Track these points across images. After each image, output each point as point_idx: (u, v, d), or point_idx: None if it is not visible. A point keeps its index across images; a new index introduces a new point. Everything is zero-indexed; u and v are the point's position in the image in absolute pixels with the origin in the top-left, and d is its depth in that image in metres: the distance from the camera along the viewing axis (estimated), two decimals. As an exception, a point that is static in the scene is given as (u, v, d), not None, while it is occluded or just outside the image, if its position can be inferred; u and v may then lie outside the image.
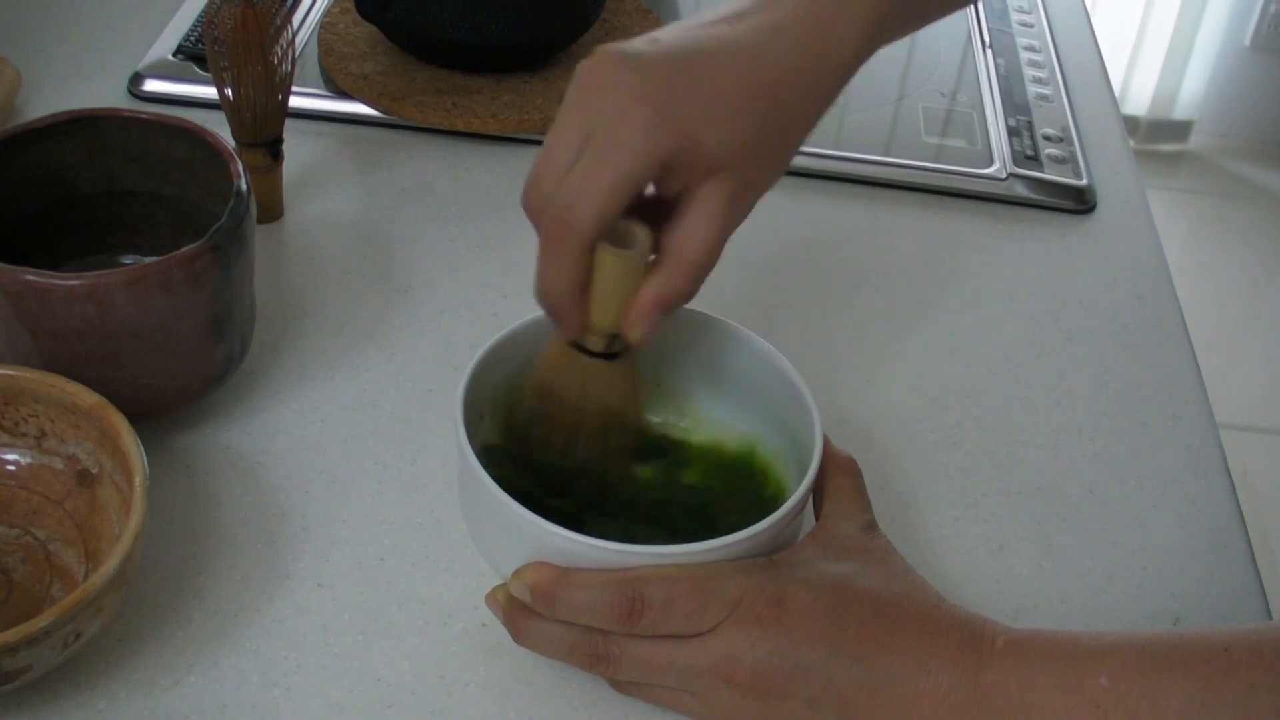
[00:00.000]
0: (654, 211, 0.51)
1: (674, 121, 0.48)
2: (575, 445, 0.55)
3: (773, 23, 0.51)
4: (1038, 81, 0.96)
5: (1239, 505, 0.66)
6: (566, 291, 0.50)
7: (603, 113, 0.48)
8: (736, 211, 0.51)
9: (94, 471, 0.57)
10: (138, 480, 0.52)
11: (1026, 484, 0.66)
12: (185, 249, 0.56)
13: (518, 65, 0.88)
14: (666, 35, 0.50)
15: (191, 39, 0.90)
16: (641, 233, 0.51)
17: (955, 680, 0.47)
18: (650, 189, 0.50)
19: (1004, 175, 0.86)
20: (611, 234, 0.50)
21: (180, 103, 0.85)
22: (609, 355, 0.53)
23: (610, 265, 0.50)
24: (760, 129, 0.50)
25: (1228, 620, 0.60)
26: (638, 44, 0.49)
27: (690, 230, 0.50)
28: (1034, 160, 0.87)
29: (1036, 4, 1.07)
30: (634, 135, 0.48)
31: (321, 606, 0.56)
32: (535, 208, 0.50)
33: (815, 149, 0.86)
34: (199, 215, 0.64)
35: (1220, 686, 0.45)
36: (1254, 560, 0.64)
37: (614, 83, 0.49)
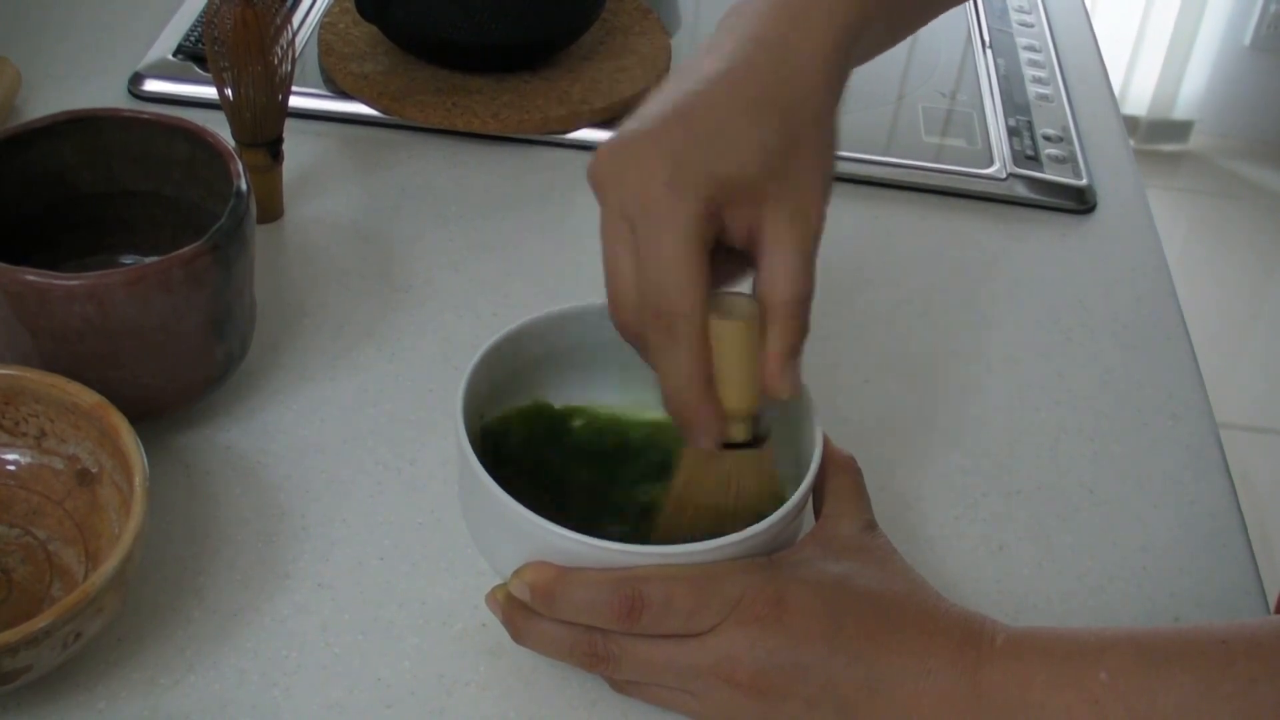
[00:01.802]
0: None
1: (691, 164, 0.47)
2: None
3: (744, 37, 0.50)
4: (1038, 81, 0.96)
5: (1239, 505, 0.66)
6: (698, 383, 0.48)
7: (629, 202, 0.48)
8: (806, 228, 0.49)
9: (94, 471, 0.57)
10: (138, 480, 0.52)
11: (1026, 484, 0.66)
12: (185, 249, 0.56)
13: (518, 65, 0.88)
14: (647, 106, 0.50)
15: (191, 39, 0.90)
16: (744, 300, 0.49)
17: (955, 679, 0.47)
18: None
19: (1004, 175, 0.86)
20: (721, 313, 0.48)
21: (180, 103, 0.85)
22: (756, 441, 0.50)
23: (728, 338, 0.48)
24: (779, 142, 0.48)
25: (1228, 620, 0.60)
26: (625, 128, 0.49)
27: (771, 270, 0.49)
28: (1034, 160, 0.87)
29: (1036, 4, 1.07)
30: (666, 200, 0.47)
31: (321, 606, 0.56)
32: (632, 326, 0.49)
33: (815, 149, 0.85)
34: (199, 215, 0.64)
35: (1219, 680, 0.45)
36: (1254, 560, 0.64)
37: (623, 168, 0.48)
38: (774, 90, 0.49)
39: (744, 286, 0.51)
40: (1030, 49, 1.00)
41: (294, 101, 0.75)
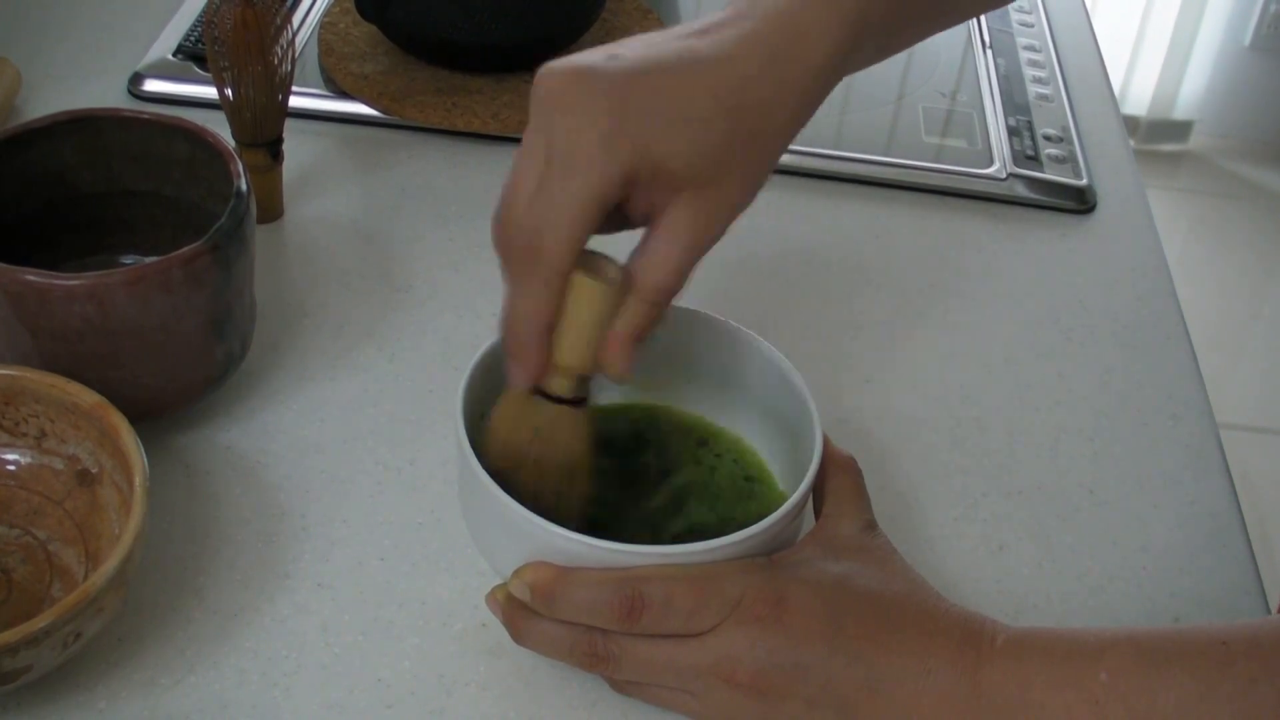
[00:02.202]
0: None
1: (631, 135, 0.47)
2: (540, 500, 0.51)
3: (740, 34, 0.50)
4: (1038, 81, 0.96)
5: (1239, 505, 0.66)
6: (535, 325, 0.48)
7: (559, 133, 0.47)
8: (703, 232, 0.49)
9: (94, 471, 0.57)
10: (138, 480, 0.52)
11: (1026, 484, 0.66)
12: (185, 249, 0.56)
13: (518, 65, 0.88)
14: (628, 49, 0.49)
15: (191, 39, 0.90)
16: (614, 268, 0.49)
17: (955, 679, 0.47)
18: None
19: (1004, 175, 0.86)
20: (588, 270, 0.48)
21: (180, 103, 0.85)
22: (575, 401, 0.51)
23: (586, 295, 0.48)
24: (724, 142, 0.48)
25: (1228, 619, 0.60)
26: (596, 57, 0.48)
27: (652, 254, 0.49)
28: (1034, 160, 0.87)
29: (1036, 4, 1.07)
30: (591, 152, 0.47)
31: (321, 606, 0.56)
32: (504, 239, 0.49)
33: (815, 149, 0.86)
34: (199, 215, 0.64)
35: (1219, 680, 0.45)
36: (1254, 560, 0.64)
37: (569, 101, 0.47)
38: (748, 99, 0.49)
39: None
40: (1030, 49, 1.00)
41: (294, 101, 0.75)
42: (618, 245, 0.50)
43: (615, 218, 0.50)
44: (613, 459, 0.58)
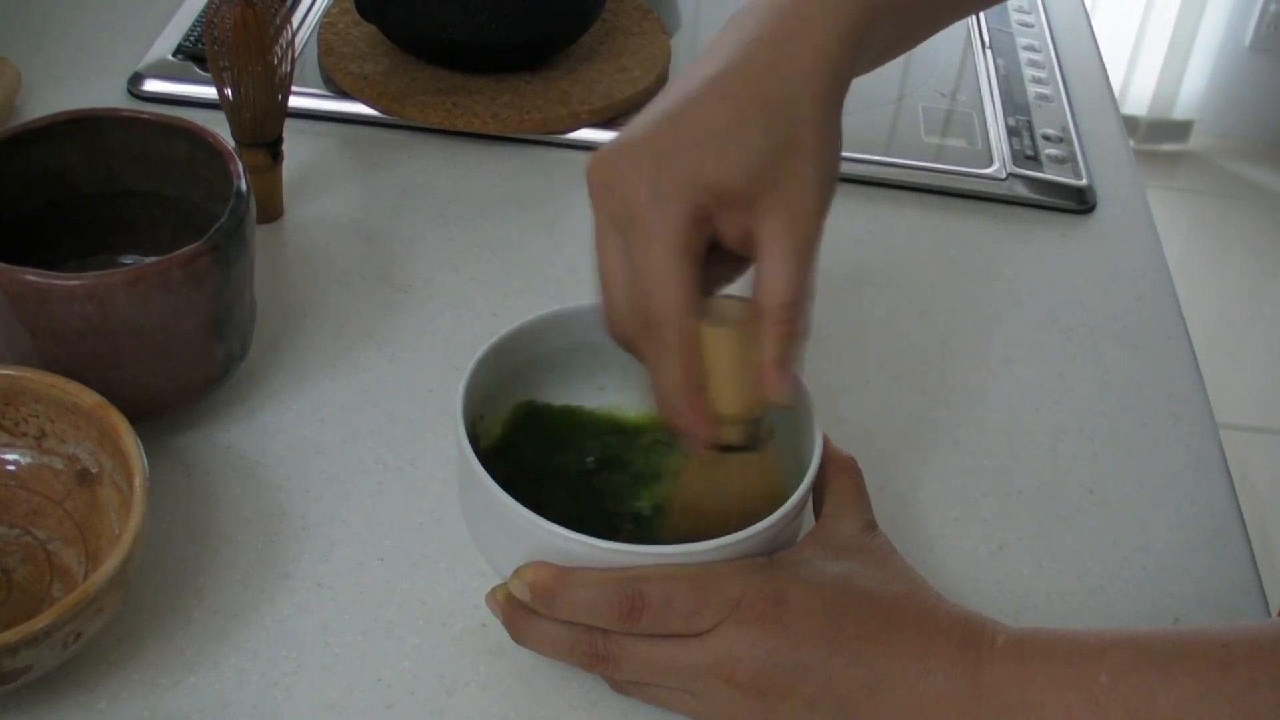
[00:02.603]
0: None
1: (678, 175, 0.47)
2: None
3: (742, 38, 0.50)
4: (1038, 81, 0.96)
5: (1239, 505, 0.66)
6: (686, 390, 0.49)
7: (617, 209, 0.48)
8: (801, 234, 0.49)
9: (94, 471, 0.57)
10: (138, 480, 0.52)
11: (1026, 484, 0.66)
12: (185, 249, 0.56)
13: (518, 65, 0.88)
14: (649, 109, 0.50)
15: (191, 39, 0.90)
16: (737, 304, 0.49)
17: (955, 679, 0.47)
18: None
19: (1004, 175, 0.86)
20: (712, 318, 0.48)
21: (180, 103, 0.85)
22: (753, 445, 0.50)
23: (720, 345, 0.48)
24: (770, 147, 0.48)
25: (1228, 620, 0.60)
26: (616, 137, 0.49)
27: (765, 275, 0.49)
28: (1034, 160, 0.87)
29: (1036, 4, 1.07)
30: (650, 209, 0.47)
31: (321, 606, 0.56)
32: (625, 334, 0.50)
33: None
34: (199, 215, 0.64)
35: (1219, 682, 0.45)
36: (1254, 560, 0.64)
37: (611, 177, 0.49)
38: (769, 91, 0.49)
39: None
40: (1030, 49, 1.00)
41: (294, 101, 0.75)
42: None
43: (727, 260, 0.50)
44: (611, 461, 0.58)
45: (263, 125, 0.73)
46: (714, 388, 0.49)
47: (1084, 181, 0.86)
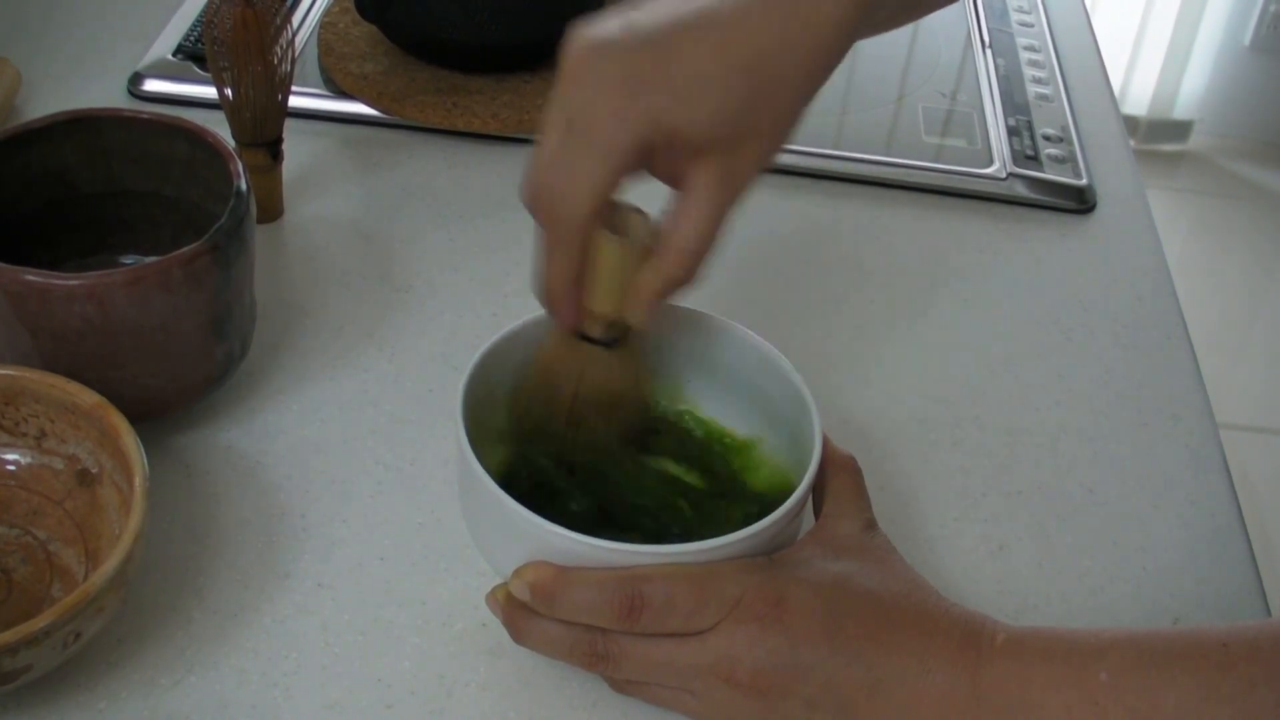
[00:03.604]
0: None
1: (644, 103, 0.48)
2: (577, 430, 0.55)
3: None
4: (1038, 81, 0.96)
5: (1239, 505, 0.66)
6: (563, 282, 0.51)
7: (577, 103, 0.49)
8: (728, 194, 0.50)
9: (94, 471, 0.57)
10: (138, 480, 0.52)
11: (1026, 484, 0.66)
12: (185, 249, 0.56)
13: (518, 65, 0.88)
14: (644, 15, 0.50)
15: (191, 39, 0.90)
16: (641, 220, 0.51)
17: (954, 679, 0.47)
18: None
19: (1004, 175, 0.86)
20: (614, 220, 0.51)
21: (180, 103, 0.85)
22: (608, 342, 0.54)
23: (606, 253, 0.51)
24: (740, 104, 0.49)
25: (1228, 620, 0.60)
26: (612, 26, 0.49)
27: (681, 216, 0.50)
28: (1034, 160, 0.87)
29: (1036, 4, 1.07)
30: (605, 121, 0.48)
31: (321, 606, 0.56)
32: (530, 200, 0.51)
33: (815, 149, 0.86)
34: (199, 215, 0.64)
35: (1219, 682, 0.45)
36: (1254, 560, 0.64)
37: (586, 71, 0.49)
38: (765, 56, 0.49)
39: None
40: (1030, 49, 1.00)
41: (294, 101, 0.75)
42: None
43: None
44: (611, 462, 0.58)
45: (263, 125, 0.73)
46: (591, 284, 0.52)
47: (1084, 181, 0.86)
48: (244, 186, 0.60)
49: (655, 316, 0.52)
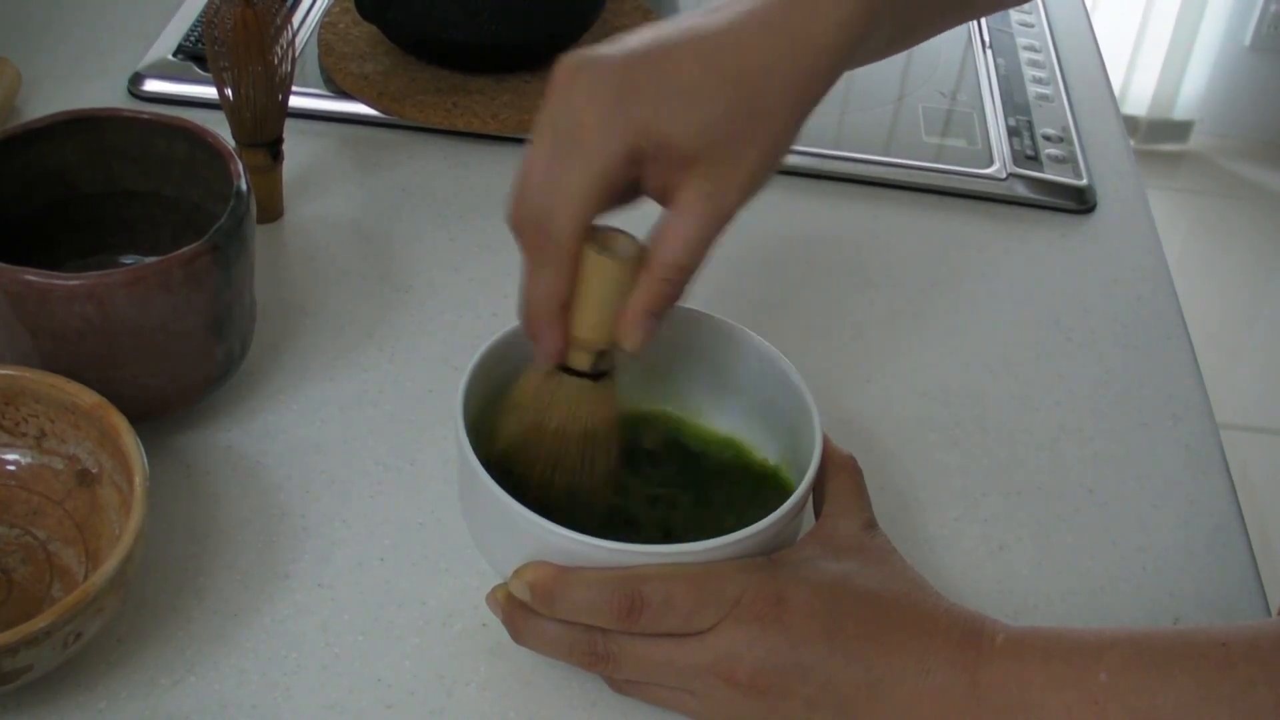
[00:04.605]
0: None
1: (630, 113, 0.48)
2: (560, 473, 0.53)
3: (748, 8, 0.50)
4: (1038, 81, 0.96)
5: (1239, 505, 0.66)
6: (550, 304, 0.50)
7: (564, 113, 0.49)
8: (717, 208, 0.49)
9: (94, 471, 0.57)
10: (138, 480, 0.52)
11: (1026, 484, 0.66)
12: (185, 249, 0.56)
13: (518, 65, 0.88)
14: (637, 35, 0.50)
15: (191, 39, 0.90)
16: (627, 240, 0.50)
17: (954, 678, 0.47)
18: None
19: (1004, 175, 0.86)
20: (599, 244, 0.49)
21: (180, 103, 0.85)
22: (595, 375, 0.52)
23: (596, 272, 0.49)
24: (727, 114, 0.48)
25: (1228, 620, 0.60)
26: (601, 46, 0.49)
27: (667, 230, 0.49)
28: (1034, 160, 0.87)
29: (1036, 4, 1.07)
30: (591, 133, 0.48)
31: (321, 606, 0.56)
32: (516, 220, 0.50)
33: (815, 149, 0.86)
34: (199, 215, 0.64)
35: (1218, 682, 0.45)
36: (1254, 560, 0.64)
37: (572, 86, 0.49)
38: (748, 62, 0.49)
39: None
40: (1030, 49, 1.00)
41: (294, 101, 0.75)
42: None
43: (632, 194, 0.51)
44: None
45: (263, 125, 0.73)
46: (577, 310, 0.50)
47: (1084, 181, 0.86)
48: (244, 186, 0.60)
49: (649, 338, 0.50)
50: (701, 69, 0.48)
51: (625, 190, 0.50)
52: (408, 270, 0.75)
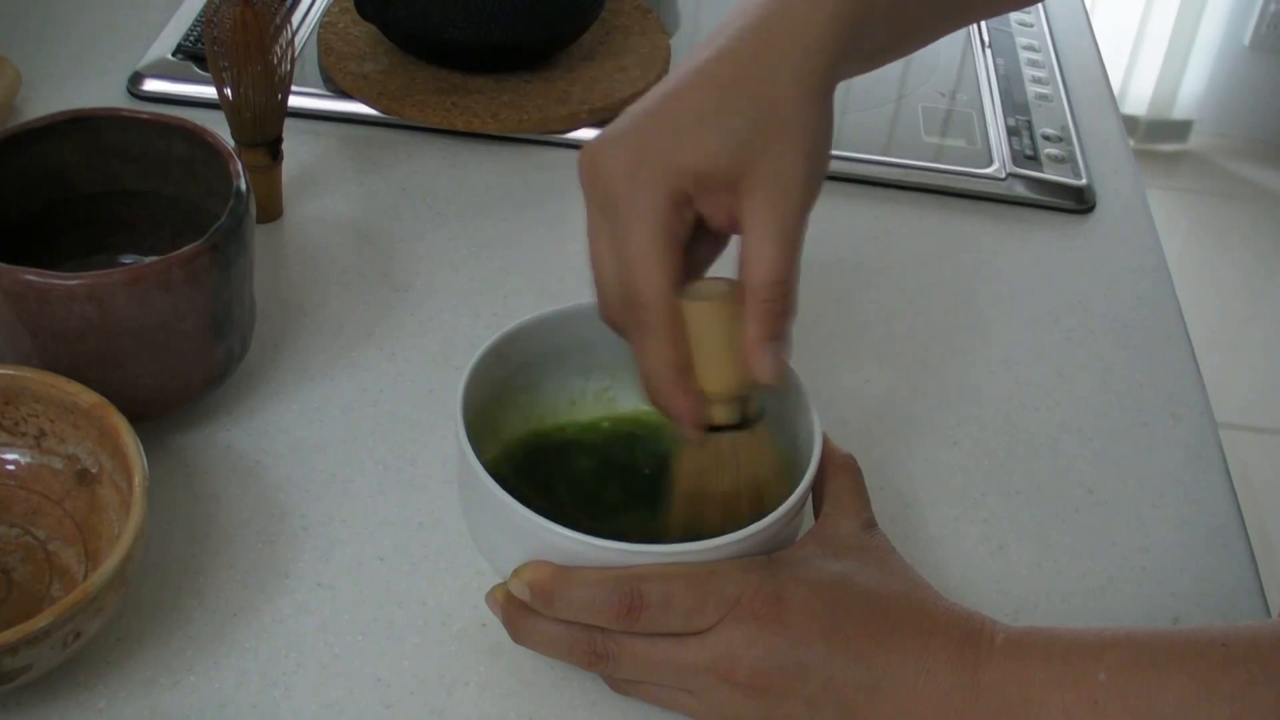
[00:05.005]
0: None
1: (657, 162, 0.48)
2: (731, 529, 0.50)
3: (733, 29, 0.50)
4: (1037, 81, 0.96)
5: (1239, 505, 0.66)
6: (669, 371, 0.49)
7: (600, 196, 0.49)
8: (782, 215, 0.49)
9: (94, 471, 0.57)
10: (137, 480, 0.52)
11: (1026, 484, 0.66)
12: (185, 249, 0.56)
13: (518, 65, 0.88)
14: (639, 101, 0.51)
15: (191, 39, 0.90)
16: (716, 282, 0.50)
17: (953, 678, 0.47)
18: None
19: (1004, 175, 0.86)
20: (695, 296, 0.49)
21: (180, 103, 0.85)
22: (741, 424, 0.50)
23: (698, 321, 0.48)
24: (749, 128, 0.49)
25: (1228, 620, 0.60)
26: (612, 123, 0.50)
27: (747, 254, 0.49)
28: (1033, 160, 0.87)
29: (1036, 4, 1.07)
30: (629, 195, 0.48)
31: (321, 606, 0.56)
32: (614, 318, 0.51)
33: (815, 149, 0.85)
34: (199, 215, 0.64)
35: (1218, 681, 0.45)
36: (1254, 560, 0.64)
37: (596, 166, 0.50)
38: (750, 74, 0.49)
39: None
40: (1030, 49, 1.00)
41: (294, 101, 0.75)
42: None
43: (711, 241, 0.51)
44: (613, 469, 0.58)
45: (262, 125, 0.73)
46: (700, 367, 0.49)
47: (1084, 181, 0.86)
48: (244, 186, 0.60)
49: (782, 365, 0.49)
50: (707, 97, 0.49)
51: (700, 238, 0.50)
52: (407, 270, 0.75)
